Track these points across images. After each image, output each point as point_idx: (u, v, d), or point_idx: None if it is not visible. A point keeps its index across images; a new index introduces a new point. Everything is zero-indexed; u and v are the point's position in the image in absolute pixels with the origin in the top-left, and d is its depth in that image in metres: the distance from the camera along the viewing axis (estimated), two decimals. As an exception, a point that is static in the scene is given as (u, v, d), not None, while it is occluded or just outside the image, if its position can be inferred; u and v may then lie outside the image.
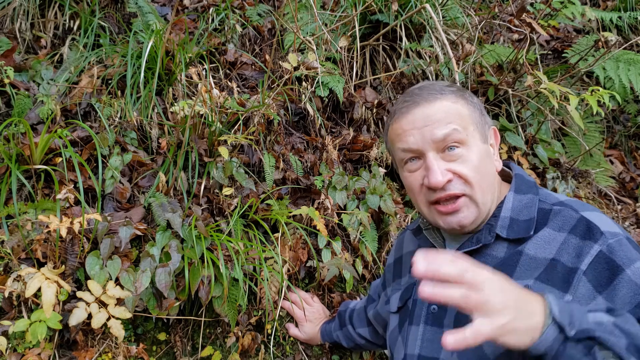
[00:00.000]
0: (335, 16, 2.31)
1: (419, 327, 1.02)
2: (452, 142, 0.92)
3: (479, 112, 0.98)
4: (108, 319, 1.30)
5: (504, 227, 0.93)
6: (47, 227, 1.33)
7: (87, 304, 1.30)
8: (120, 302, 1.34)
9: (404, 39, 2.18)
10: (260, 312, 1.58)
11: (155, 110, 1.83)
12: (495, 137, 1.03)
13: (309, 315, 1.59)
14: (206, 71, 1.97)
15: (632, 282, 0.77)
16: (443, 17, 2.28)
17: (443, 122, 0.92)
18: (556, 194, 0.98)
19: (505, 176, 1.07)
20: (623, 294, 0.77)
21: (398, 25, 2.17)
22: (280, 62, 2.01)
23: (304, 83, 1.98)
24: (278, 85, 1.95)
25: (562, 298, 0.81)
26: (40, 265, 1.37)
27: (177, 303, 1.43)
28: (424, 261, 0.63)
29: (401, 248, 1.23)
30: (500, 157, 1.05)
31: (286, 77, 1.93)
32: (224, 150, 1.62)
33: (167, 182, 1.66)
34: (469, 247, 0.96)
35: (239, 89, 2.07)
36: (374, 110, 2.13)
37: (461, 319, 0.93)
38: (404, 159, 0.98)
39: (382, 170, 1.93)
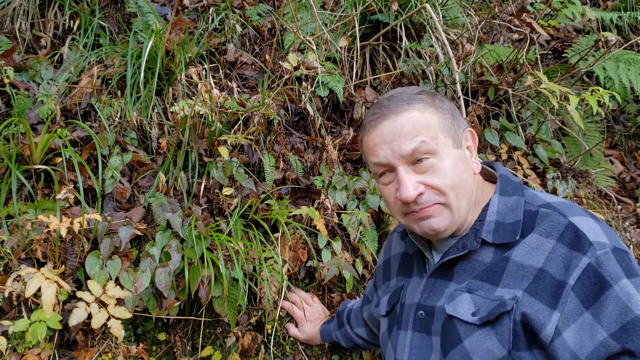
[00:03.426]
0: (335, 16, 2.31)
1: (407, 332, 1.01)
2: (422, 154, 0.91)
3: (450, 118, 0.96)
4: (108, 319, 1.30)
5: (489, 232, 0.92)
6: (47, 227, 1.33)
7: (87, 304, 1.30)
8: (120, 302, 1.34)
9: (404, 39, 2.18)
10: (260, 312, 1.58)
11: (155, 110, 1.83)
12: (472, 139, 1.01)
13: (309, 316, 1.59)
14: (206, 71, 1.97)
15: (619, 299, 0.76)
16: (443, 17, 2.28)
17: (410, 136, 0.90)
18: (543, 194, 0.95)
19: (490, 176, 1.05)
20: (609, 310, 0.76)
21: (398, 25, 2.17)
22: (280, 62, 2.01)
23: (304, 83, 1.98)
24: (278, 85, 1.95)
25: (550, 315, 0.80)
26: (40, 265, 1.37)
27: (177, 303, 1.43)
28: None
29: (390, 250, 1.22)
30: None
31: (286, 77, 1.93)
32: (224, 150, 1.62)
33: (167, 182, 1.66)
34: (455, 254, 0.95)
35: (239, 89, 2.07)
36: (374, 110, 2.13)
37: (447, 327, 0.92)
38: (377, 172, 0.99)
39: (382, 170, 1.93)
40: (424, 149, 0.90)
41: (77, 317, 1.27)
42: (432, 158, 0.91)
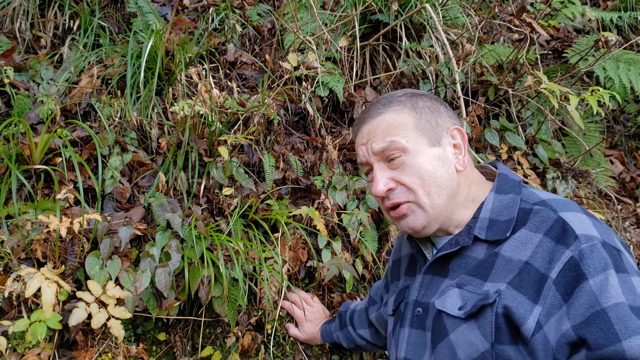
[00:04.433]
0: (335, 16, 2.31)
1: (405, 329, 1.02)
2: (392, 152, 0.96)
3: (427, 117, 0.98)
4: (108, 319, 1.30)
5: (482, 229, 0.93)
6: (47, 227, 1.33)
7: (87, 304, 1.30)
8: (120, 302, 1.34)
9: (404, 39, 2.18)
10: (260, 312, 1.58)
11: (155, 110, 1.83)
12: (461, 137, 1.01)
13: (309, 316, 1.59)
14: (206, 71, 1.97)
15: (591, 293, 0.75)
16: (443, 17, 2.28)
17: (381, 136, 0.97)
18: (541, 192, 0.95)
19: (494, 176, 1.05)
20: (579, 303, 0.75)
21: (398, 25, 2.17)
22: (280, 62, 2.01)
23: (304, 83, 1.98)
24: (278, 85, 1.95)
25: (532, 309, 0.80)
26: (40, 265, 1.37)
27: (177, 303, 1.43)
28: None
29: (400, 250, 1.23)
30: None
31: (286, 77, 1.93)
32: (224, 150, 1.62)
33: (167, 182, 1.66)
34: (447, 250, 0.96)
35: (239, 88, 2.07)
36: (374, 110, 2.12)
37: (437, 321, 0.93)
38: (363, 172, 1.07)
39: (382, 170, 1.93)
40: (393, 148, 0.96)
41: (77, 317, 1.27)
42: (403, 156, 0.96)
